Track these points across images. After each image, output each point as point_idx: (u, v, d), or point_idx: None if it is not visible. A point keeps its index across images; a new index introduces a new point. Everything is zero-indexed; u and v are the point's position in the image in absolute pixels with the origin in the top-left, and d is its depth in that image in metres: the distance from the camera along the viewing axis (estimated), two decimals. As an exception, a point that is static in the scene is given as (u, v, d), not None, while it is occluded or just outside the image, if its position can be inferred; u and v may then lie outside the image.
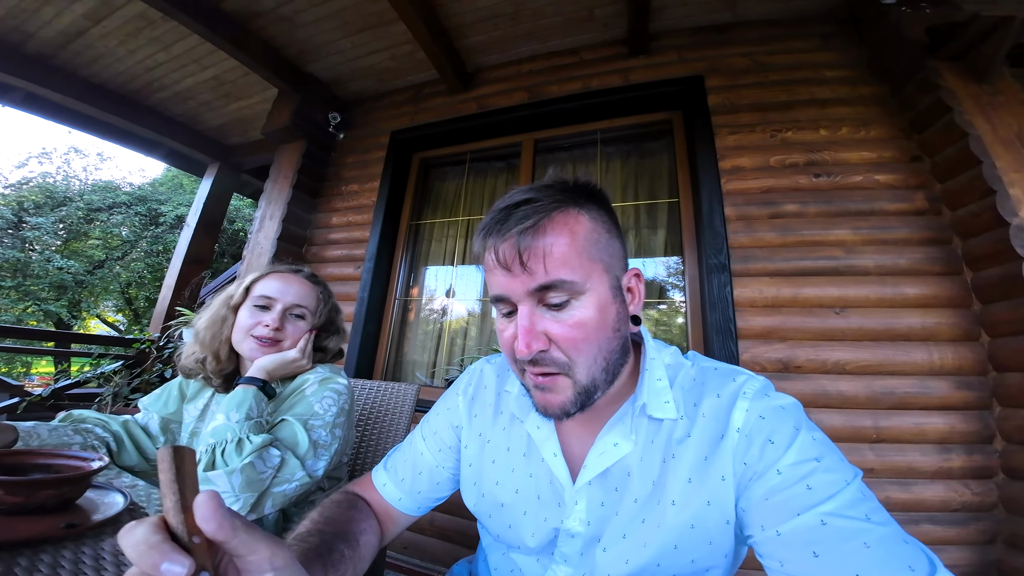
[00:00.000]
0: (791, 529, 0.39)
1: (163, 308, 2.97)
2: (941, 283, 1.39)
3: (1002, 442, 1.25)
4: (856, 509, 0.38)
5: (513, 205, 0.45)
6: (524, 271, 0.43)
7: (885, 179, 1.53)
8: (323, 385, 0.81)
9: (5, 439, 0.63)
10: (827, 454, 0.42)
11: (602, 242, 0.46)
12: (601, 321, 0.45)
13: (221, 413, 0.70)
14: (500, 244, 0.44)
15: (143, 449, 0.84)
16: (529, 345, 0.43)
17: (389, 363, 2.25)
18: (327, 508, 0.54)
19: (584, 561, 0.50)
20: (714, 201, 1.66)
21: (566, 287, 0.43)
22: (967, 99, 1.39)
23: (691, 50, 1.93)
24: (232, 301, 0.85)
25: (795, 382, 1.43)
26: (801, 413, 0.46)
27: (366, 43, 2.23)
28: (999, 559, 1.21)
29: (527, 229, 0.43)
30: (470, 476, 0.60)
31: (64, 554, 0.43)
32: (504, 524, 0.55)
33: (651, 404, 0.49)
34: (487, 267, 0.47)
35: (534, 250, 0.43)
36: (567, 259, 0.43)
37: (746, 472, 0.44)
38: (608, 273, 0.46)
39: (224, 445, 0.66)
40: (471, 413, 0.63)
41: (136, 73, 2.61)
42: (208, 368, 0.83)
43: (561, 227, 0.44)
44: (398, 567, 1.71)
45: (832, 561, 0.36)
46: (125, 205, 9.23)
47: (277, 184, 2.47)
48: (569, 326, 0.44)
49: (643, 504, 0.48)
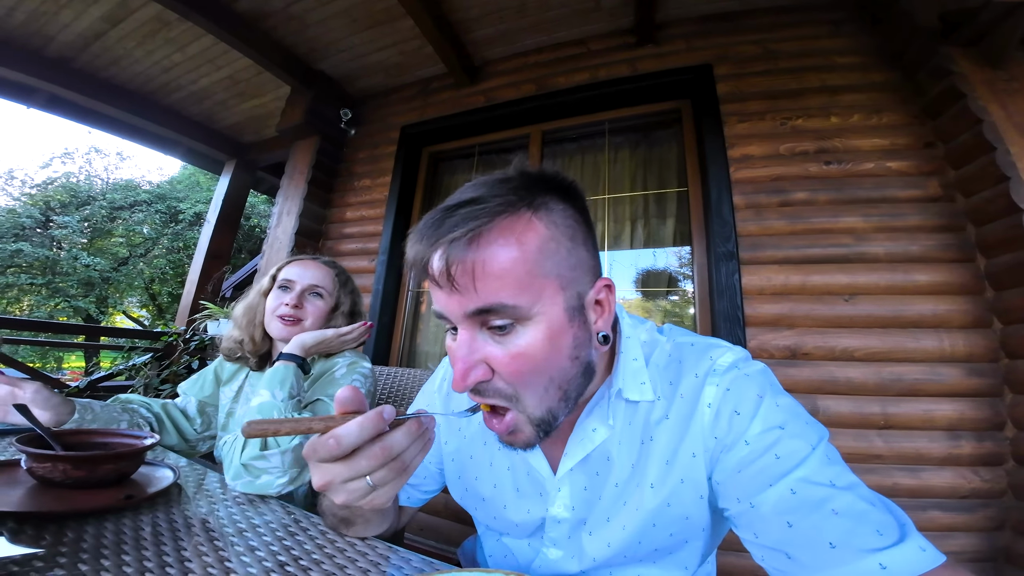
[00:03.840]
0: (763, 500, 0.38)
1: (188, 302, 3.08)
2: (953, 270, 1.38)
3: (1013, 429, 1.25)
4: (822, 474, 0.37)
5: (453, 206, 0.38)
6: (454, 290, 0.37)
7: (897, 166, 1.51)
8: (351, 368, 0.87)
9: (65, 410, 0.70)
10: (791, 419, 0.41)
11: (561, 253, 0.39)
12: (552, 350, 0.38)
13: (265, 389, 0.73)
14: (430, 254, 0.38)
15: (181, 430, 0.91)
16: (465, 377, 0.38)
17: (403, 353, 2.32)
18: None
19: (572, 543, 0.51)
20: (723, 189, 1.66)
21: (507, 311, 0.37)
22: (981, 85, 1.37)
23: (699, 38, 1.91)
24: (263, 288, 0.94)
25: (803, 368, 1.44)
26: (766, 379, 0.44)
27: (374, 39, 2.26)
28: (1007, 546, 1.21)
29: (457, 239, 0.36)
30: (454, 470, 0.60)
31: (125, 523, 0.47)
32: (490, 515, 0.56)
33: (627, 387, 0.46)
34: (428, 277, 0.40)
35: (464, 265, 0.36)
36: (508, 277, 0.36)
37: (716, 446, 0.43)
38: (565, 291, 0.39)
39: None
40: (447, 408, 0.61)
41: (153, 74, 2.69)
42: (245, 349, 0.91)
43: (505, 237, 0.37)
44: (414, 548, 1.79)
45: (806, 530, 0.36)
46: (146, 203, 9.47)
47: (293, 180, 2.53)
48: (512, 356, 0.38)
49: (624, 487, 0.47)
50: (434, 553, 1.82)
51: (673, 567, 0.49)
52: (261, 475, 0.62)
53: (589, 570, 0.50)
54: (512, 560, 0.58)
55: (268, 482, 0.62)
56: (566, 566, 0.51)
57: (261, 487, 0.62)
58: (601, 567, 0.49)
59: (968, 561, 1.23)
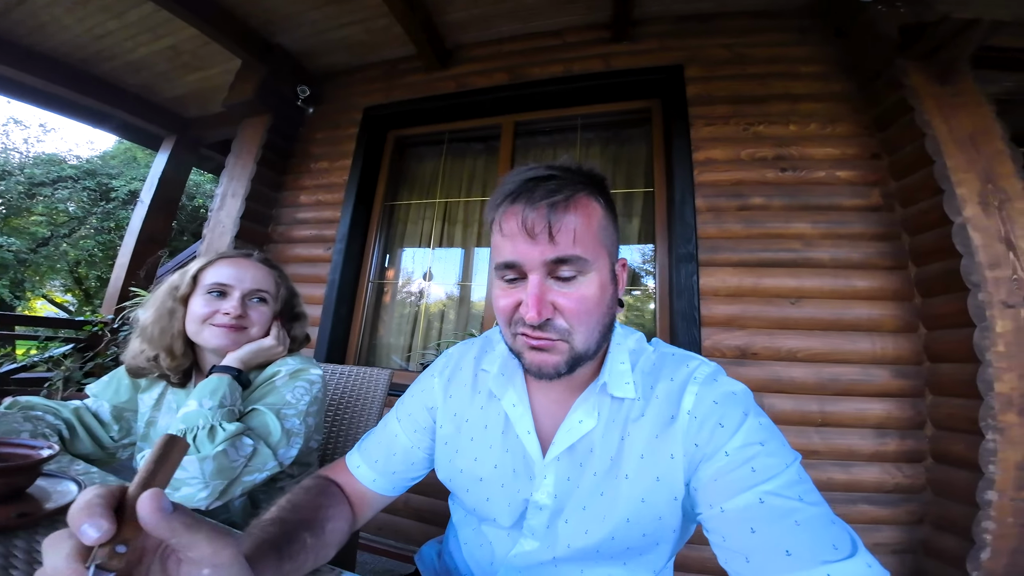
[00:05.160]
0: (733, 507, 0.42)
1: (116, 289, 2.81)
2: (888, 277, 1.49)
3: (932, 428, 1.36)
4: (792, 490, 0.41)
5: (540, 178, 0.47)
6: (549, 241, 0.45)
7: (845, 175, 1.59)
8: (295, 377, 0.80)
9: None
10: (771, 439, 0.45)
11: (608, 229, 0.50)
12: (601, 298, 0.48)
13: (194, 400, 0.68)
14: (529, 212, 0.46)
15: (97, 436, 0.81)
16: (540, 312, 0.46)
17: (363, 347, 2.22)
18: (296, 495, 0.54)
19: (549, 534, 0.53)
20: (686, 192, 1.70)
21: (579, 264, 0.46)
22: (928, 99, 1.43)
23: (673, 38, 1.93)
24: (179, 292, 0.79)
25: (751, 368, 1.51)
26: (750, 399, 0.50)
27: (339, 15, 2.11)
28: (926, 539, 1.32)
29: (558, 203, 0.45)
30: (445, 454, 0.62)
31: (17, 543, 0.43)
32: (482, 497, 0.58)
33: (612, 384, 0.53)
34: (506, 232, 0.48)
35: (564, 223, 0.45)
36: (584, 238, 0.46)
37: (696, 452, 0.47)
38: (609, 258, 0.50)
39: (196, 431, 0.64)
40: (447, 394, 0.64)
41: (84, 42, 2.42)
42: (163, 365, 0.78)
43: (584, 208, 0.47)
44: (372, 548, 1.73)
45: (767, 537, 0.39)
46: (72, 179, 8.56)
47: (240, 160, 2.34)
48: (575, 299, 0.47)
49: (602, 478, 0.51)
50: (392, 553, 1.77)
51: (641, 569, 0.53)
52: (180, 487, 0.56)
53: (561, 560, 0.53)
54: (488, 549, 0.60)
55: (188, 495, 0.56)
56: (541, 556, 0.54)
57: (181, 500, 0.56)
58: (573, 559, 0.52)
59: (891, 553, 1.33)
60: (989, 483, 1.14)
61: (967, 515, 1.18)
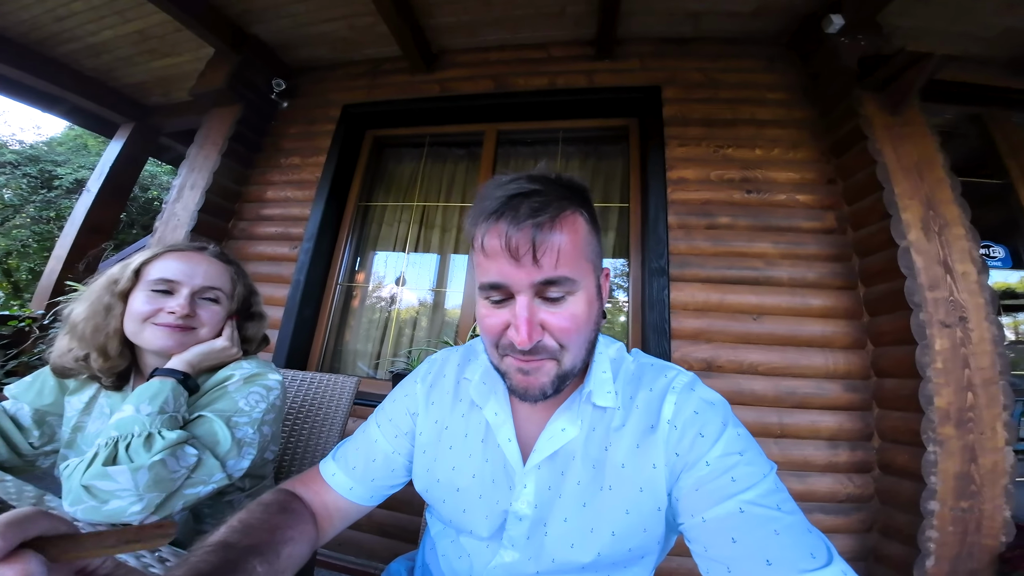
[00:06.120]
0: (714, 516, 0.42)
1: (50, 282, 2.56)
2: (840, 296, 1.58)
3: (879, 440, 1.44)
4: (770, 499, 0.42)
5: (523, 194, 0.45)
6: (533, 263, 0.43)
7: (804, 199, 1.70)
8: (250, 382, 0.74)
9: None
10: (748, 448, 0.46)
11: (592, 244, 0.49)
12: (589, 315, 0.47)
13: (130, 404, 0.61)
14: (513, 232, 0.43)
15: (13, 442, 0.71)
16: (531, 336, 0.44)
17: (327, 352, 2.12)
18: (251, 513, 0.49)
19: (530, 545, 0.52)
20: (660, 208, 1.75)
21: (567, 284, 0.45)
22: (880, 128, 1.53)
23: (653, 59, 2.01)
24: (119, 287, 0.71)
25: (716, 380, 1.55)
26: (728, 410, 0.51)
27: (322, 9, 2.06)
28: (875, 546, 1.38)
29: (543, 223, 0.43)
30: (423, 463, 0.60)
31: None
32: (459, 508, 0.56)
33: (595, 392, 0.53)
34: (489, 252, 0.45)
35: (549, 245, 0.43)
36: (570, 258, 0.45)
37: (678, 462, 0.47)
38: (594, 272, 0.49)
39: (130, 439, 0.58)
40: (428, 400, 0.63)
41: (43, 23, 2.26)
42: (95, 366, 0.70)
43: (569, 226, 0.45)
44: (331, 565, 1.61)
45: (747, 546, 0.39)
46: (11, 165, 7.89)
47: (203, 151, 2.21)
48: (565, 318, 0.46)
49: (585, 487, 0.51)
50: (353, 570, 1.66)
51: None
52: (110, 499, 0.50)
53: (544, 574, 0.51)
54: (467, 561, 0.57)
55: (119, 508, 0.50)
56: (522, 569, 0.52)
57: (111, 514, 0.49)
58: (557, 573, 0.51)
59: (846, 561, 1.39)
60: (931, 493, 1.21)
61: (912, 523, 1.24)
